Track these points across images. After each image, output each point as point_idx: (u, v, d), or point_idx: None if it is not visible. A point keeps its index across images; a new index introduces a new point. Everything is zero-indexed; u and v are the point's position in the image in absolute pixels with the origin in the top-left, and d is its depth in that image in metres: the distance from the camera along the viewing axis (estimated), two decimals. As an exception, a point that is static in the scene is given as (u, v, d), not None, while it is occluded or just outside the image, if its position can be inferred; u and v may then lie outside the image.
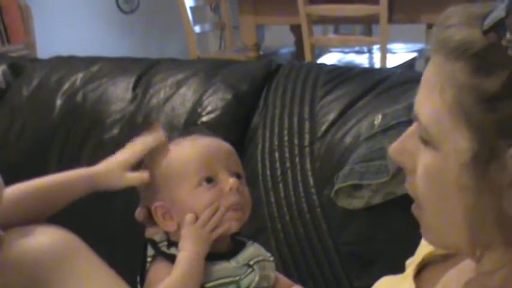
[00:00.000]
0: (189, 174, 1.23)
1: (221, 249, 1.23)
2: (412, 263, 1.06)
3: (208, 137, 1.33)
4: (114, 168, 1.37)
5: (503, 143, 0.73)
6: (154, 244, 1.25)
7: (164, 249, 1.24)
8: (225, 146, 1.29)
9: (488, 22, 0.74)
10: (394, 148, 0.87)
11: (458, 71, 0.76)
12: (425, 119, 0.80)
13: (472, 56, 0.75)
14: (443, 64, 0.78)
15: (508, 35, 0.73)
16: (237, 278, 1.20)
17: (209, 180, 1.22)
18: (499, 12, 0.74)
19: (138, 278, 1.27)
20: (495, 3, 0.76)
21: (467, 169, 0.76)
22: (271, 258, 1.27)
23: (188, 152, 1.25)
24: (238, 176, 1.25)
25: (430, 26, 3.89)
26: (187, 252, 1.19)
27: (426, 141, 0.81)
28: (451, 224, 0.82)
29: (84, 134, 1.90)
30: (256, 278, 1.21)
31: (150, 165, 1.28)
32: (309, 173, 1.58)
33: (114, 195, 1.71)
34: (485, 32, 0.74)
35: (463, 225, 0.80)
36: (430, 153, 0.80)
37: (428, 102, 0.79)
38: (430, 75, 0.80)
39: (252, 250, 1.25)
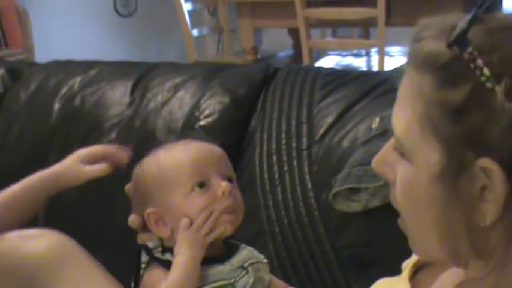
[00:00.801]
0: (182, 180, 1.23)
1: (215, 253, 1.23)
2: (407, 265, 1.06)
3: (199, 142, 1.32)
4: (71, 164, 1.40)
5: (472, 155, 0.74)
6: (148, 250, 1.25)
7: (158, 255, 1.24)
8: (216, 150, 1.29)
9: (452, 35, 0.75)
10: (375, 160, 0.89)
11: (426, 83, 0.77)
12: (398, 131, 0.82)
13: (438, 69, 0.76)
14: (414, 76, 0.79)
15: (469, 48, 0.74)
16: (232, 280, 1.20)
17: (202, 185, 1.22)
18: (463, 24, 0.75)
19: (133, 285, 1.27)
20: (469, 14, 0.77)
21: (437, 181, 0.78)
22: (265, 261, 1.28)
23: (180, 158, 1.25)
24: (229, 180, 1.26)
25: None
26: (183, 256, 1.19)
27: (401, 154, 0.82)
28: (426, 235, 0.83)
29: (82, 138, 1.90)
30: (251, 280, 1.22)
31: (141, 171, 1.28)
32: (307, 177, 1.58)
33: (112, 199, 1.72)
34: (450, 45, 0.75)
35: (436, 237, 0.81)
36: (404, 165, 0.82)
37: (402, 114, 0.81)
38: (403, 87, 0.82)
39: (246, 253, 1.26)
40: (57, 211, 1.86)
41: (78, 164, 1.39)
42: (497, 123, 0.72)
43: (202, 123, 1.76)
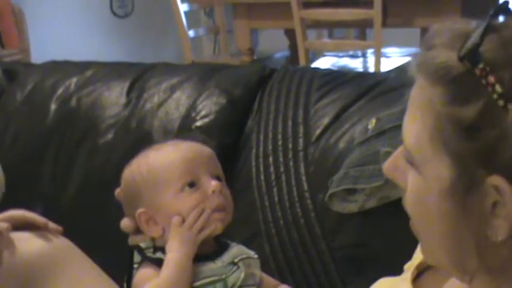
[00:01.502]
0: (172, 180, 1.24)
1: (206, 251, 1.24)
2: (410, 267, 1.06)
3: (188, 142, 1.34)
4: None
5: (483, 172, 0.73)
6: (140, 250, 1.26)
7: (150, 254, 1.24)
8: (205, 150, 1.31)
9: (464, 48, 0.73)
10: (386, 166, 0.88)
11: (436, 96, 0.75)
12: (408, 143, 0.81)
13: (449, 82, 0.74)
14: (424, 87, 0.77)
15: (481, 64, 0.72)
16: (223, 276, 1.22)
17: (192, 184, 1.24)
18: (475, 38, 0.73)
19: (125, 286, 1.27)
20: (482, 19, 0.75)
21: (447, 196, 0.77)
22: (256, 256, 1.29)
23: (170, 158, 1.26)
24: (218, 179, 1.27)
25: (424, 30, 3.90)
26: (175, 253, 1.21)
27: (411, 163, 0.81)
28: (435, 245, 0.82)
29: (78, 138, 1.89)
30: (242, 275, 1.23)
31: (130, 172, 1.28)
32: (303, 178, 1.58)
33: (108, 201, 1.72)
34: (461, 59, 0.73)
35: (444, 249, 0.81)
36: (414, 175, 0.81)
37: (412, 126, 0.80)
38: (414, 96, 0.80)
39: (236, 250, 1.27)
40: (53, 213, 1.86)
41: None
42: (508, 144, 0.71)
43: (198, 124, 1.76)
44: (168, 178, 1.24)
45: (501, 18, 0.76)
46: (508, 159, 0.71)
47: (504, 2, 0.77)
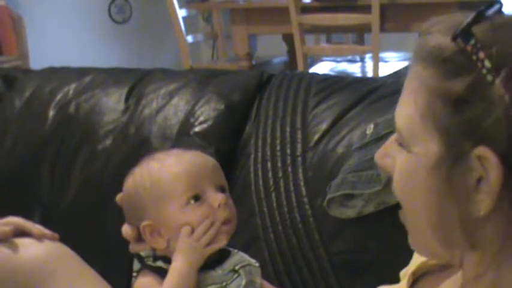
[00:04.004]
0: (177, 194, 1.23)
1: (207, 259, 1.23)
2: (406, 273, 1.06)
3: (192, 153, 1.31)
4: None
5: (469, 145, 0.76)
6: (140, 258, 1.25)
7: (150, 263, 1.24)
8: (210, 161, 1.29)
9: (457, 30, 0.77)
10: (378, 154, 0.91)
11: (429, 76, 0.79)
12: (400, 124, 0.84)
13: (442, 62, 0.78)
14: (418, 70, 0.81)
15: (472, 41, 0.76)
16: (224, 283, 1.21)
17: (197, 198, 1.23)
18: (468, 19, 0.77)
19: None
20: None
21: (434, 171, 0.80)
22: (257, 265, 1.28)
23: (174, 171, 1.24)
24: (222, 189, 1.26)
25: (422, 35, 3.89)
26: (181, 263, 1.20)
27: (401, 145, 0.84)
28: (421, 225, 0.85)
29: (77, 144, 1.89)
30: (243, 282, 1.22)
31: (133, 183, 1.28)
32: (302, 183, 1.58)
33: (106, 207, 1.72)
34: (454, 38, 0.77)
35: (430, 227, 0.83)
36: (403, 155, 0.84)
37: (405, 107, 0.83)
38: (408, 82, 0.84)
39: (237, 257, 1.26)
40: (51, 218, 1.86)
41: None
42: (494, 114, 0.73)
43: (197, 129, 1.76)
44: (173, 192, 1.23)
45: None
46: (492, 129, 0.74)
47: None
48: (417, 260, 1.04)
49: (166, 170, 1.25)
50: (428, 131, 0.79)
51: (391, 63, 4.45)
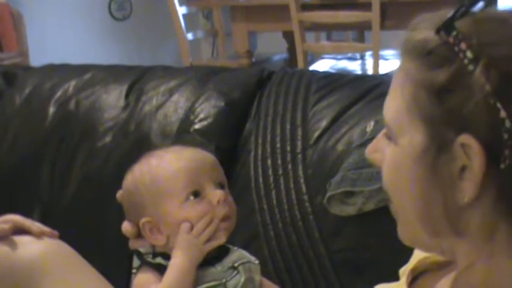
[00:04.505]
0: (177, 190, 1.23)
1: (206, 256, 1.24)
2: (404, 271, 1.06)
3: (191, 149, 1.32)
4: None
5: (452, 133, 0.77)
6: (140, 255, 1.25)
7: (149, 259, 1.24)
8: (209, 157, 1.30)
9: (441, 24, 0.80)
10: (368, 149, 0.93)
11: (414, 68, 0.81)
12: (388, 117, 0.86)
13: (426, 54, 0.80)
14: (405, 64, 0.83)
15: (454, 32, 0.78)
16: (223, 280, 1.22)
17: (196, 194, 1.23)
18: (451, 12, 0.80)
19: None
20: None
21: (419, 161, 0.81)
22: (256, 262, 1.28)
23: (173, 167, 1.25)
24: (222, 186, 1.27)
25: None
26: (180, 259, 1.20)
27: (389, 138, 0.87)
28: (409, 216, 0.87)
29: (77, 141, 1.89)
30: (242, 279, 1.22)
31: (132, 180, 1.28)
32: (302, 180, 1.58)
33: (106, 205, 1.72)
34: (437, 31, 0.79)
35: (418, 217, 0.85)
36: (391, 147, 0.86)
37: (392, 101, 0.85)
38: (395, 77, 0.86)
39: (237, 254, 1.27)
40: (52, 215, 1.86)
41: None
42: (475, 103, 0.75)
43: (197, 126, 1.76)
44: (172, 188, 1.23)
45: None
46: (475, 117, 0.76)
47: None
48: (416, 257, 1.04)
49: (165, 167, 1.25)
50: (414, 121, 0.81)
51: (391, 60, 4.44)
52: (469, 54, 0.76)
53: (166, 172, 1.24)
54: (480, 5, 0.81)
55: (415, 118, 0.81)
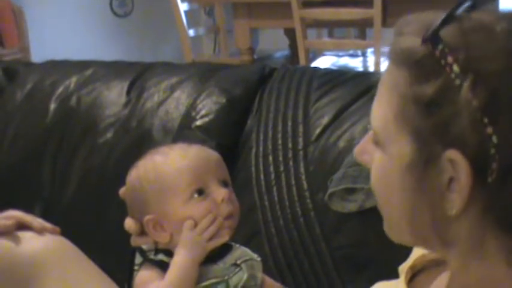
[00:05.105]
0: (181, 188, 1.23)
1: (209, 253, 1.24)
2: (404, 268, 1.06)
3: (196, 147, 1.32)
4: None
5: (440, 147, 0.77)
6: (142, 252, 1.25)
7: (152, 256, 1.24)
8: (213, 155, 1.30)
9: (427, 32, 0.78)
10: (356, 150, 0.92)
11: (401, 78, 0.80)
12: (375, 123, 0.86)
13: (413, 64, 0.79)
14: (391, 71, 0.83)
15: (440, 45, 0.77)
16: (226, 277, 1.22)
17: (200, 192, 1.23)
18: (437, 23, 0.78)
19: (126, 287, 1.27)
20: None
21: (407, 171, 0.81)
22: (259, 259, 1.28)
23: (178, 165, 1.25)
24: (225, 184, 1.27)
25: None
26: (183, 256, 1.20)
27: (377, 144, 0.86)
28: (397, 221, 0.87)
29: (78, 138, 1.89)
30: (245, 276, 1.23)
31: (137, 177, 1.27)
32: (303, 177, 1.58)
33: (107, 201, 1.72)
34: (423, 42, 0.78)
35: (405, 223, 0.85)
36: (379, 154, 0.85)
37: (380, 107, 0.85)
38: (383, 81, 0.86)
39: (239, 252, 1.27)
40: (53, 212, 1.86)
41: None
42: (462, 118, 0.74)
43: (198, 123, 1.76)
44: (177, 186, 1.23)
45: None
46: (462, 134, 0.75)
47: None
48: (416, 254, 1.05)
49: (170, 164, 1.25)
50: (402, 132, 0.80)
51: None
52: (455, 68, 0.75)
53: (171, 169, 1.24)
54: (465, 6, 0.80)
55: (403, 129, 0.80)
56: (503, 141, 0.74)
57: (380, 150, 0.85)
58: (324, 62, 4.59)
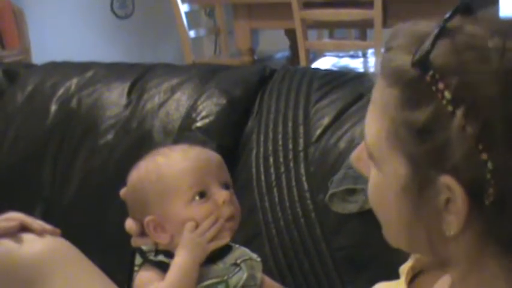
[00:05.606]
0: (182, 190, 1.23)
1: (209, 254, 1.24)
2: (404, 269, 1.06)
3: (197, 148, 1.32)
4: None
5: (434, 173, 0.75)
6: (142, 253, 1.25)
7: (152, 257, 1.24)
8: (215, 157, 1.30)
9: (416, 55, 0.75)
10: (353, 156, 0.92)
11: (392, 99, 0.78)
12: (368, 140, 0.84)
13: (403, 86, 0.76)
14: (383, 87, 0.80)
15: (430, 71, 0.74)
16: (225, 277, 1.22)
17: (202, 194, 1.23)
18: (426, 46, 0.75)
19: (126, 287, 1.27)
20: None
21: (403, 192, 0.80)
22: (258, 259, 1.29)
23: (180, 166, 1.25)
24: (227, 186, 1.27)
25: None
26: (183, 257, 1.20)
27: (371, 157, 0.84)
28: (393, 232, 0.87)
29: (78, 139, 1.89)
30: (245, 276, 1.23)
31: (138, 177, 1.28)
32: (304, 178, 1.58)
33: (108, 202, 1.72)
34: (413, 65, 0.75)
35: (403, 239, 0.86)
36: (375, 171, 0.84)
37: (372, 124, 0.83)
38: (375, 94, 0.83)
39: (239, 252, 1.27)
40: (53, 213, 1.86)
41: None
42: (456, 145, 0.73)
43: (199, 124, 1.76)
44: (178, 188, 1.23)
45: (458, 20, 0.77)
46: (456, 160, 0.73)
47: (464, 2, 0.78)
48: (415, 255, 1.04)
49: (172, 165, 1.25)
50: (395, 153, 0.79)
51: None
52: (447, 95, 0.73)
53: (172, 171, 1.24)
54: (456, 14, 0.77)
55: (396, 150, 0.78)
56: (499, 166, 0.72)
57: (375, 167, 0.84)
58: (325, 63, 4.59)
